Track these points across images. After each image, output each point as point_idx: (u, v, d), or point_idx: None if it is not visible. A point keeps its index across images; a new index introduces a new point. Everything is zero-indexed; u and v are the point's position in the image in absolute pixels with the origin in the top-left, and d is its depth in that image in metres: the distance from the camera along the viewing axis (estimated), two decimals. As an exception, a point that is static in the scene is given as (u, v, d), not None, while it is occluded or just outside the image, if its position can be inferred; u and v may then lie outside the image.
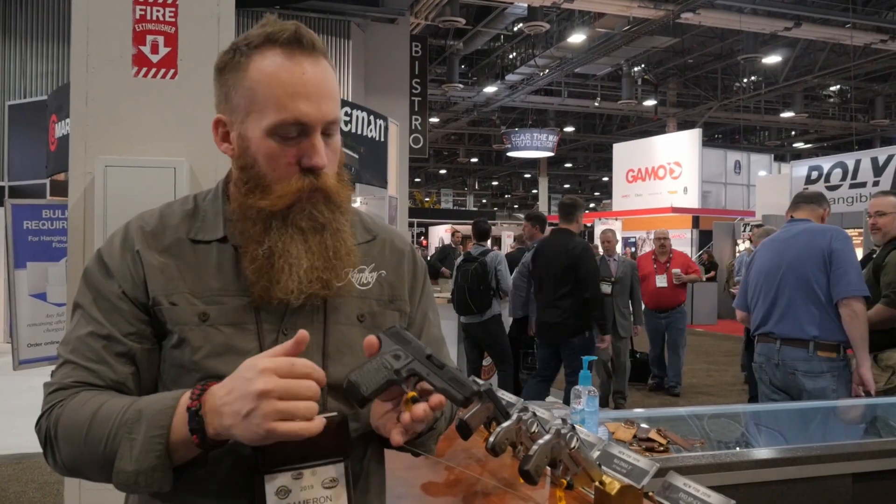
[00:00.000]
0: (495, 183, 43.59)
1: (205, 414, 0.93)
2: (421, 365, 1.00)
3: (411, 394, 0.98)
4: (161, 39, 2.76)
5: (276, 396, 0.89)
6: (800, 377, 3.37)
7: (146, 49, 2.76)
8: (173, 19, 2.77)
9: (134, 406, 0.96)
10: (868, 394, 3.31)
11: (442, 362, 1.02)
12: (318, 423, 0.91)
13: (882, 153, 13.13)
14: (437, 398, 0.99)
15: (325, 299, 1.11)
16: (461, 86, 20.28)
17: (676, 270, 7.68)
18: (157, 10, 2.75)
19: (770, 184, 17.93)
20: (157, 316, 1.06)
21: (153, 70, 2.78)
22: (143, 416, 0.94)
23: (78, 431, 0.98)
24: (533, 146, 23.94)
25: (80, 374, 1.03)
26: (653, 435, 2.27)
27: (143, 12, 2.75)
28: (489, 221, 8.39)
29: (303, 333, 0.94)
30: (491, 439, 1.66)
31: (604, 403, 6.12)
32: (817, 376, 3.33)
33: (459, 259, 6.65)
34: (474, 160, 35.05)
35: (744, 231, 16.58)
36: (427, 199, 40.21)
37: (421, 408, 0.97)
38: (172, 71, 2.79)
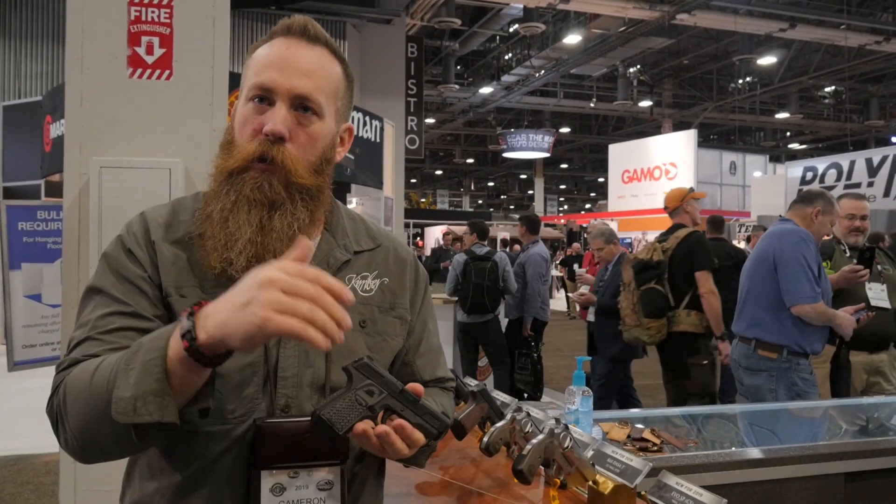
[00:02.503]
0: (491, 184, 43.59)
1: (198, 318, 0.87)
2: (395, 401, 0.99)
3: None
4: (156, 41, 2.76)
5: (280, 287, 0.83)
6: (741, 372, 3.55)
7: (141, 50, 2.76)
8: (168, 20, 2.77)
9: (133, 345, 0.93)
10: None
11: (415, 396, 0.99)
12: (320, 336, 0.84)
13: (876, 154, 13.15)
14: (411, 434, 0.98)
15: None
16: (457, 87, 20.27)
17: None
18: (153, 12, 2.75)
19: (765, 184, 17.97)
20: (169, 305, 1.07)
21: (148, 71, 2.78)
22: (142, 347, 0.91)
23: (82, 388, 0.94)
24: (529, 147, 23.98)
25: (98, 348, 1.00)
26: (647, 435, 2.28)
27: (138, 13, 2.75)
28: (486, 222, 8.37)
29: (305, 241, 0.90)
30: (485, 439, 1.68)
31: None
32: (755, 373, 3.47)
33: (465, 258, 6.49)
34: (470, 161, 35.06)
35: (739, 232, 16.60)
36: (423, 200, 40.21)
37: (383, 429, 0.97)
38: (167, 72, 2.79)
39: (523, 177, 39.31)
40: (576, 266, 13.66)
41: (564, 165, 36.37)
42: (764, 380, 3.43)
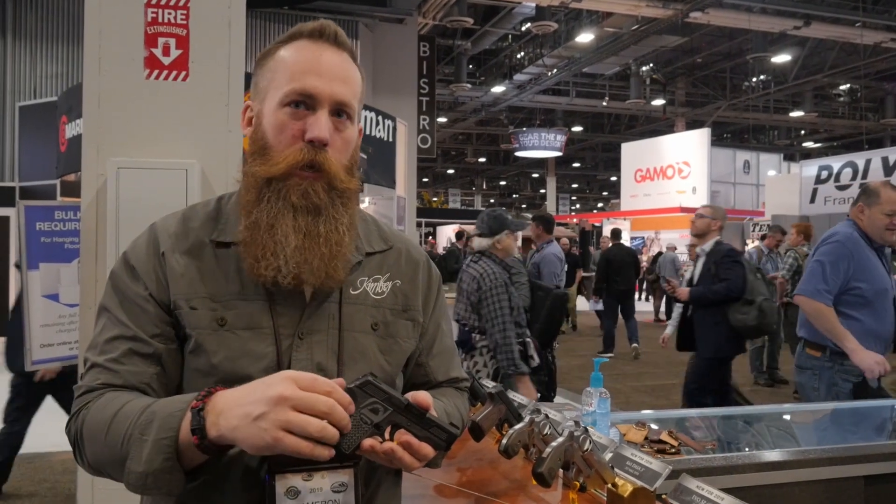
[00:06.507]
0: (503, 183, 43.55)
1: (207, 414, 0.92)
2: (401, 416, 0.99)
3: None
4: (173, 42, 2.77)
5: (292, 405, 0.88)
6: (795, 369, 3.63)
7: (158, 51, 2.77)
8: (185, 22, 2.78)
9: (149, 408, 0.96)
10: (881, 375, 3.27)
11: (421, 410, 0.99)
12: (326, 451, 0.90)
13: (892, 152, 13.04)
14: (421, 449, 0.99)
15: (340, 306, 1.12)
16: (469, 86, 20.26)
17: None
18: (169, 13, 2.77)
19: (779, 183, 17.86)
20: (178, 319, 1.07)
21: (165, 72, 2.79)
22: (156, 418, 0.94)
23: (99, 432, 0.98)
24: (541, 146, 23.93)
25: (107, 377, 1.04)
26: (664, 437, 2.27)
27: (154, 15, 2.76)
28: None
29: (340, 381, 0.95)
30: (504, 441, 1.67)
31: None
32: (802, 371, 3.53)
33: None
34: (482, 160, 35.04)
35: (753, 231, 16.50)
36: (435, 199, 40.18)
37: (388, 446, 0.98)
38: (184, 73, 2.80)
39: (535, 176, 39.24)
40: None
41: (577, 164, 36.29)
42: (808, 378, 3.46)
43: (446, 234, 25.98)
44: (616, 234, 11.26)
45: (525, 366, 3.88)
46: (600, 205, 42.94)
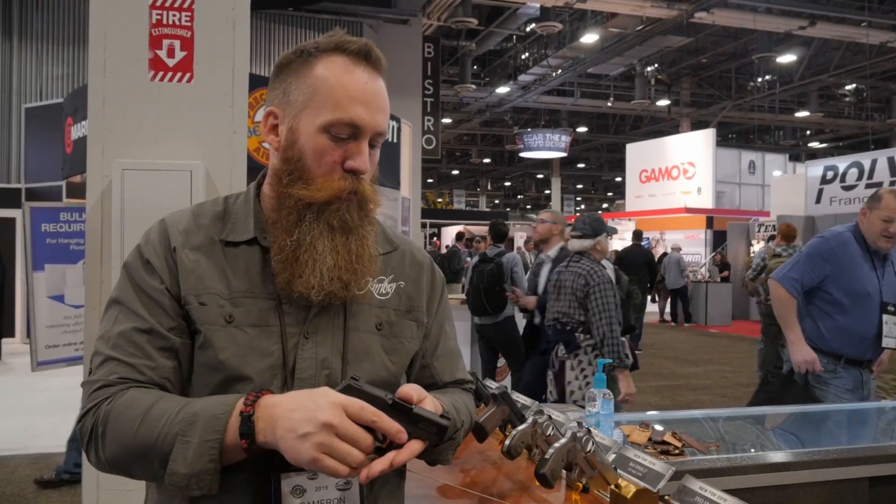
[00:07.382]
0: (508, 183, 43.52)
1: (257, 420, 0.95)
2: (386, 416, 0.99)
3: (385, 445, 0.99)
4: (177, 44, 2.78)
5: (337, 433, 0.92)
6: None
7: (162, 53, 2.78)
8: (189, 24, 2.79)
9: (188, 408, 0.98)
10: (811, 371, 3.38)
11: (408, 406, 0.99)
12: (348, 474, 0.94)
13: (898, 153, 12.98)
14: (405, 453, 0.99)
15: (346, 306, 1.14)
16: (473, 86, 20.27)
17: None
18: (174, 15, 2.78)
19: (785, 184, 17.79)
20: (188, 313, 1.08)
21: (169, 74, 2.80)
22: (199, 420, 0.96)
23: (128, 429, 0.98)
24: (545, 147, 23.92)
25: (125, 370, 1.04)
26: (668, 438, 2.27)
27: (159, 17, 2.78)
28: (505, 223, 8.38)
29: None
30: (507, 442, 1.67)
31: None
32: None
33: (475, 259, 6.66)
34: (487, 161, 35.01)
35: (758, 231, 16.46)
36: (440, 200, 40.20)
37: (386, 462, 0.97)
38: (188, 75, 2.81)
39: (540, 176, 39.21)
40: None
41: (581, 165, 36.23)
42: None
43: (451, 234, 25.97)
44: (637, 234, 12.22)
45: (629, 359, 4.00)
46: (605, 205, 42.87)
